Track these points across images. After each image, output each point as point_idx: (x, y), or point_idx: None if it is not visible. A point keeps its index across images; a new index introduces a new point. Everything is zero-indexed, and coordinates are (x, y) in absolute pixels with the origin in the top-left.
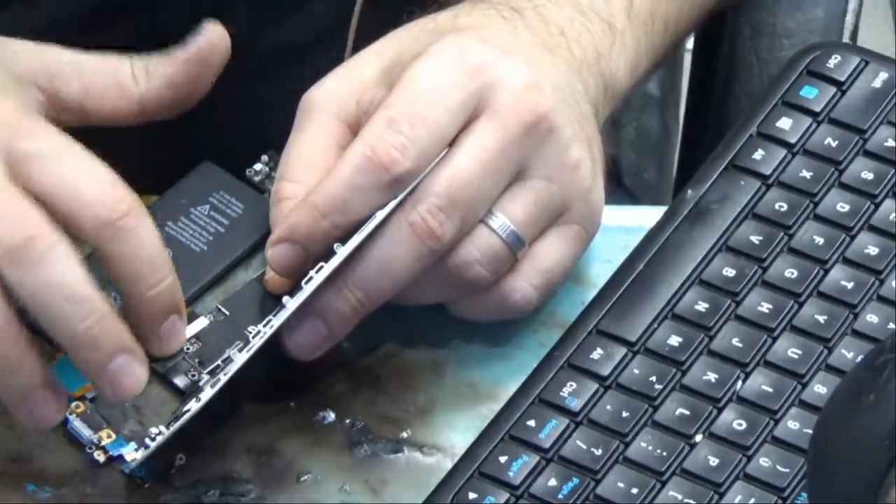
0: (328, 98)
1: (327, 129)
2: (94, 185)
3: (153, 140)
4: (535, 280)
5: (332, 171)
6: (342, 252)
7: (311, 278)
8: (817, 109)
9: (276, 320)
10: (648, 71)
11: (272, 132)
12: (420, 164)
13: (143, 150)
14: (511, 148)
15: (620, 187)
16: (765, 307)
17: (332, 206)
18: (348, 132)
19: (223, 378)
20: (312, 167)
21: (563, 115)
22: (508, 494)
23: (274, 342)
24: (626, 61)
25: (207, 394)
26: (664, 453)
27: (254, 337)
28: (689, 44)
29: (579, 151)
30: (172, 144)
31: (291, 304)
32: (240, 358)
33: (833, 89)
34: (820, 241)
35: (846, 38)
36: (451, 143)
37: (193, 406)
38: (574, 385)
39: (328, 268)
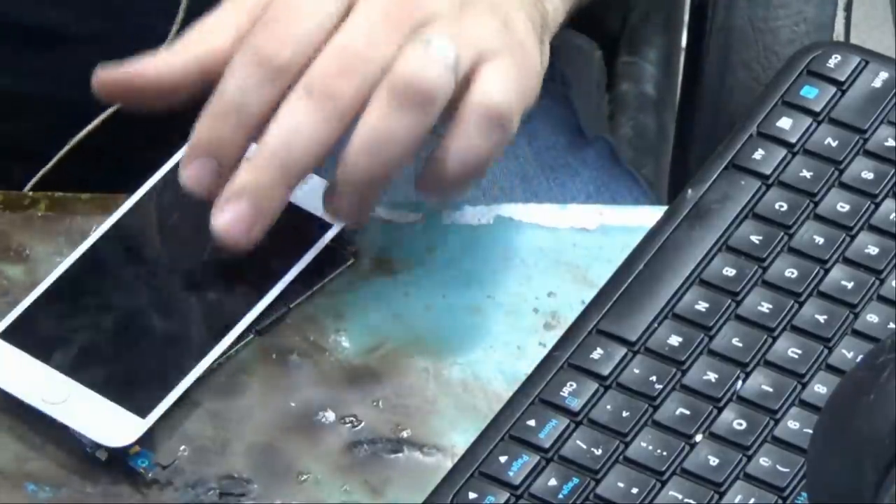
0: None
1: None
2: None
3: (153, 141)
4: (486, 113)
5: (221, 80)
6: None
7: None
8: (817, 109)
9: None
10: None
11: None
12: (301, 49)
13: (143, 151)
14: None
15: (624, 172)
16: (765, 307)
17: (229, 111)
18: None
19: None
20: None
21: None
22: (508, 494)
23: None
24: None
25: (196, 372)
26: (664, 453)
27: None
28: (683, 42)
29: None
30: (172, 144)
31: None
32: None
33: (833, 89)
34: (820, 240)
35: (841, 9)
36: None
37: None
38: (574, 385)
39: None
